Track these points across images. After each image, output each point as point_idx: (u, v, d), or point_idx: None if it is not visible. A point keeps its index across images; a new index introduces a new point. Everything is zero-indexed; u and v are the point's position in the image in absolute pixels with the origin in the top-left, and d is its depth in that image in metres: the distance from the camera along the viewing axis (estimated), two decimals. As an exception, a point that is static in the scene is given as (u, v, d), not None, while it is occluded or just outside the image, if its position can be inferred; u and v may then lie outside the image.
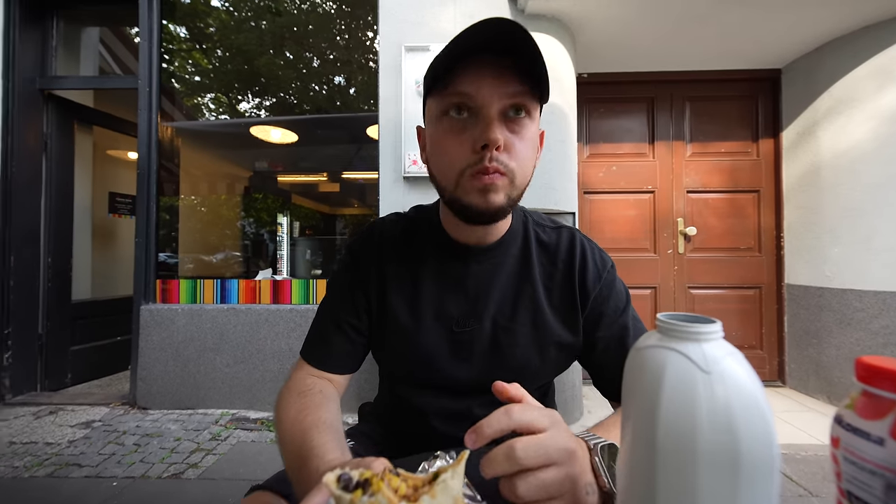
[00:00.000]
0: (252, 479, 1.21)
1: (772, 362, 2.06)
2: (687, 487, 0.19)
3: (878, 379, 0.20)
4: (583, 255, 0.47)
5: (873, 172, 1.67)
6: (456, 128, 0.38)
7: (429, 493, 0.21)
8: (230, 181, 2.46)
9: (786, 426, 1.57)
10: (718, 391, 0.19)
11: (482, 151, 0.37)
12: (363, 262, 0.48)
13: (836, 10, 1.59)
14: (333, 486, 0.21)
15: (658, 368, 0.20)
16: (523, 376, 0.44)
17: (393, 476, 0.22)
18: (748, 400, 0.19)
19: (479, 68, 0.37)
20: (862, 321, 1.68)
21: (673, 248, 2.08)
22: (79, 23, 2.14)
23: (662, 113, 2.12)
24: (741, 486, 0.18)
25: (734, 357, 0.20)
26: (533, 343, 0.45)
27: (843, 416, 0.22)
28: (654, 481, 0.20)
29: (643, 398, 0.21)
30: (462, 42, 0.35)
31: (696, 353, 0.20)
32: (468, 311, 0.45)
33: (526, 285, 0.46)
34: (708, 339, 0.20)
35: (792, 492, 1.16)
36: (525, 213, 0.51)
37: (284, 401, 0.42)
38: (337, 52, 2.17)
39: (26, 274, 1.91)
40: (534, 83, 0.37)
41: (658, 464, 0.20)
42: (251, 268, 2.26)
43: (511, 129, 0.38)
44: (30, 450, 1.39)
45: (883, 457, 0.19)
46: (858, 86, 1.71)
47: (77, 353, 2.10)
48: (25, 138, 1.91)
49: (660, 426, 0.19)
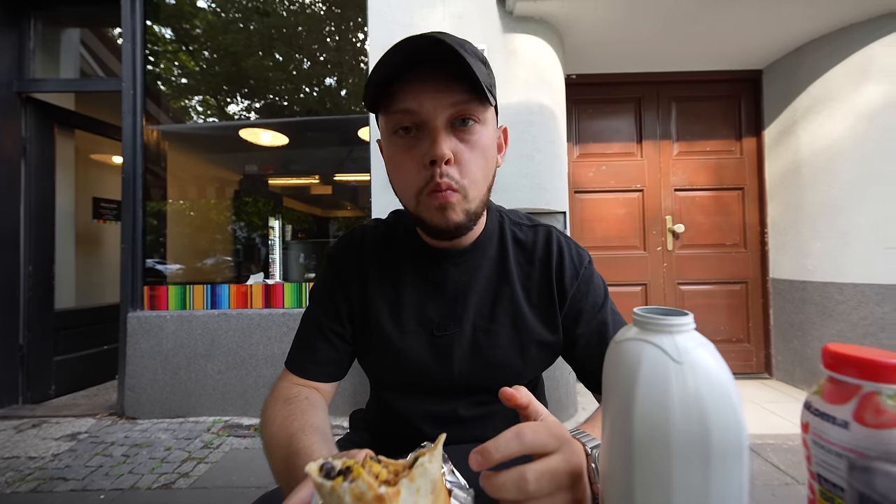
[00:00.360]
0: (245, 486, 1.19)
1: (759, 355, 2.11)
2: (661, 475, 0.20)
3: (843, 365, 0.21)
4: (559, 253, 0.47)
5: (850, 169, 1.73)
6: (406, 145, 0.39)
7: (408, 477, 0.21)
8: (220, 185, 2.42)
9: (773, 417, 1.61)
10: (689, 380, 0.19)
11: (432, 167, 0.37)
12: (343, 268, 0.48)
13: (814, 11, 1.64)
14: (315, 475, 0.21)
15: (634, 360, 0.21)
16: (505, 376, 0.44)
17: (374, 463, 0.23)
18: (718, 388, 0.19)
19: (419, 82, 0.36)
20: (843, 313, 1.73)
21: (662, 245, 2.12)
22: (58, 24, 2.08)
23: (649, 113, 2.16)
24: (713, 473, 0.19)
25: (705, 347, 0.20)
26: (513, 344, 0.45)
27: (811, 401, 0.23)
28: (632, 469, 0.20)
29: (620, 389, 0.21)
30: (397, 58, 0.35)
31: (668, 344, 0.20)
32: (447, 315, 0.45)
33: (504, 286, 0.46)
34: (680, 330, 0.21)
35: (779, 480, 1.19)
36: (501, 212, 0.51)
37: (270, 409, 0.42)
38: (327, 53, 2.16)
39: (5, 283, 1.84)
40: (478, 90, 0.36)
41: (634, 452, 0.20)
42: (242, 272, 2.23)
43: (461, 138, 0.38)
44: (11, 465, 1.35)
45: (847, 439, 0.20)
46: (836, 85, 1.77)
47: (61, 364, 2.03)
48: (2, 143, 1.85)
49: (635, 415, 0.20)
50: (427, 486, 0.21)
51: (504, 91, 1.66)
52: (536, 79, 1.68)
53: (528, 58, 1.68)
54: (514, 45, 1.68)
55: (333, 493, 0.20)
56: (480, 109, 0.38)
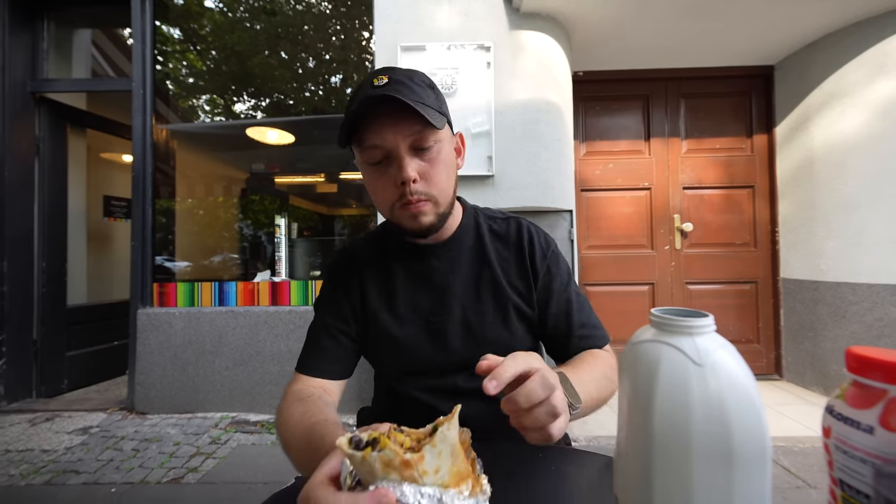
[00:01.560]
0: (253, 482, 1.20)
1: (768, 356, 2.08)
2: (682, 478, 0.19)
3: (868, 369, 0.21)
4: (530, 238, 0.54)
5: (865, 166, 1.69)
6: (378, 173, 0.47)
7: (430, 444, 0.23)
8: (227, 183, 2.45)
9: (783, 419, 1.59)
10: (711, 383, 0.19)
11: (402, 187, 0.45)
12: (343, 277, 0.55)
13: (827, 6, 1.61)
14: (346, 447, 0.23)
15: (653, 362, 0.21)
16: (497, 350, 0.49)
17: (397, 433, 0.25)
18: (740, 391, 0.19)
19: (381, 121, 0.44)
20: (856, 314, 1.70)
21: (670, 244, 2.10)
22: (70, 25, 2.11)
23: (658, 110, 2.13)
24: (735, 475, 0.19)
25: (726, 349, 0.20)
26: (499, 317, 0.51)
27: (833, 405, 0.22)
28: (651, 472, 0.20)
29: (639, 391, 0.21)
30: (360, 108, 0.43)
31: (689, 346, 0.20)
32: (438, 302, 0.52)
33: (484, 268, 0.53)
34: (700, 332, 0.20)
35: (790, 484, 1.17)
36: (476, 210, 0.58)
37: (287, 409, 0.45)
38: (333, 52, 2.16)
39: (20, 279, 1.88)
40: (428, 122, 0.43)
41: (654, 455, 0.20)
42: (249, 270, 2.25)
43: (423, 158, 0.46)
44: (26, 457, 1.38)
45: (872, 445, 0.19)
46: (850, 80, 1.73)
47: (73, 359, 2.07)
48: (17, 142, 1.89)
49: (655, 418, 0.20)
50: (447, 449, 0.23)
51: (510, 88, 1.65)
52: (543, 76, 1.66)
53: (534, 55, 1.66)
54: (520, 42, 1.66)
55: (364, 461, 0.22)
56: (434, 133, 0.46)
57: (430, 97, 0.46)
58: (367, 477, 0.23)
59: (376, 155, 0.45)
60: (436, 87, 0.48)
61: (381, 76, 0.44)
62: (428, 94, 0.46)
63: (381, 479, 0.22)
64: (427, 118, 0.42)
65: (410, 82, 0.45)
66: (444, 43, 1.66)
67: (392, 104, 0.42)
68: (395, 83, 0.44)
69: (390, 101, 0.42)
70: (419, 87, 0.45)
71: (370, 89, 0.44)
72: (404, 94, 0.42)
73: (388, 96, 0.41)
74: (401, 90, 0.43)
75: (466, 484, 0.24)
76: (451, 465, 0.23)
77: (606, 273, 2.08)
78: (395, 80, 0.44)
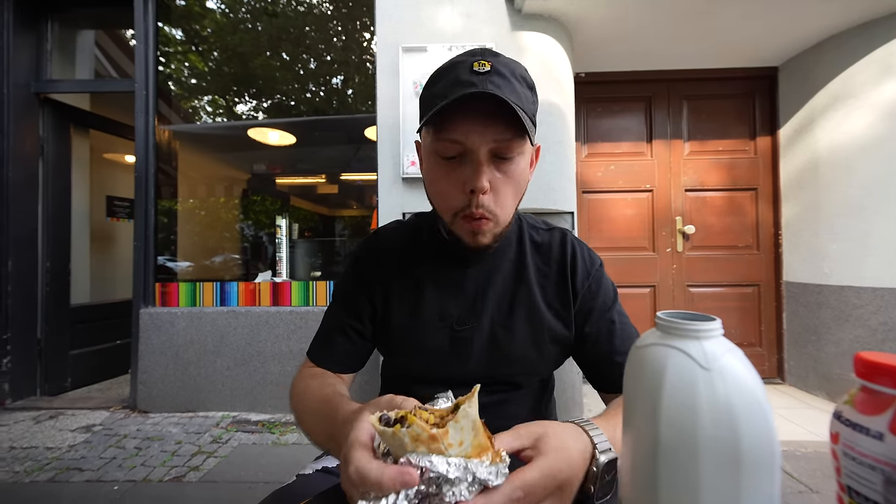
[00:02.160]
0: (253, 481, 1.21)
1: (771, 359, 2.07)
2: (689, 483, 0.19)
3: (877, 374, 0.20)
4: (573, 254, 0.50)
5: (871, 169, 1.67)
6: (449, 168, 0.42)
7: (453, 420, 0.25)
8: (228, 184, 2.46)
9: (786, 423, 1.58)
10: (719, 388, 0.19)
11: (471, 194, 0.40)
12: (367, 270, 0.51)
13: (832, 6, 1.59)
14: (377, 425, 0.25)
15: (659, 366, 0.20)
16: (522, 369, 0.48)
17: (422, 411, 0.27)
18: (748, 396, 0.19)
19: (468, 114, 0.38)
20: (860, 318, 1.68)
21: (672, 246, 2.09)
22: (74, 26, 2.12)
23: (660, 111, 2.12)
24: (743, 481, 0.18)
25: (734, 354, 0.20)
26: (529, 338, 0.48)
27: (842, 411, 0.22)
28: (657, 478, 0.20)
29: (645, 396, 0.21)
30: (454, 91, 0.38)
31: (696, 350, 0.20)
32: (467, 311, 0.48)
33: (521, 286, 0.49)
34: (708, 336, 0.20)
35: (792, 488, 1.17)
36: (520, 217, 0.54)
37: (300, 382, 0.47)
38: (334, 53, 2.17)
39: (24, 279, 1.90)
40: (521, 128, 0.39)
41: (660, 460, 0.20)
42: (250, 270, 2.26)
43: (500, 168, 0.41)
44: (30, 454, 1.39)
45: (882, 451, 0.19)
46: (856, 82, 1.71)
47: (77, 358, 2.09)
48: (21, 142, 1.90)
49: (661, 423, 0.20)
50: (469, 424, 0.25)
51: (511, 90, 1.64)
52: (545, 77, 1.66)
53: (536, 56, 1.66)
54: (522, 43, 1.66)
55: (395, 437, 0.25)
56: (520, 144, 0.41)
57: (529, 100, 0.41)
58: (398, 450, 0.25)
59: (452, 150, 0.40)
60: (535, 88, 0.43)
61: (483, 61, 0.39)
62: (527, 97, 0.40)
63: (410, 453, 0.25)
64: (523, 125, 0.38)
65: (513, 78, 0.39)
66: (446, 44, 1.66)
67: (488, 102, 0.37)
68: (496, 74, 0.38)
69: (489, 98, 0.37)
70: (520, 85, 0.40)
71: (468, 74, 0.38)
72: (506, 93, 0.37)
73: (490, 94, 0.36)
74: (503, 87, 0.38)
75: (487, 455, 0.26)
76: (473, 439, 0.25)
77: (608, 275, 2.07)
78: (497, 71, 0.38)
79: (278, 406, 1.72)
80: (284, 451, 1.41)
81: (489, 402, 0.48)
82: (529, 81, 0.42)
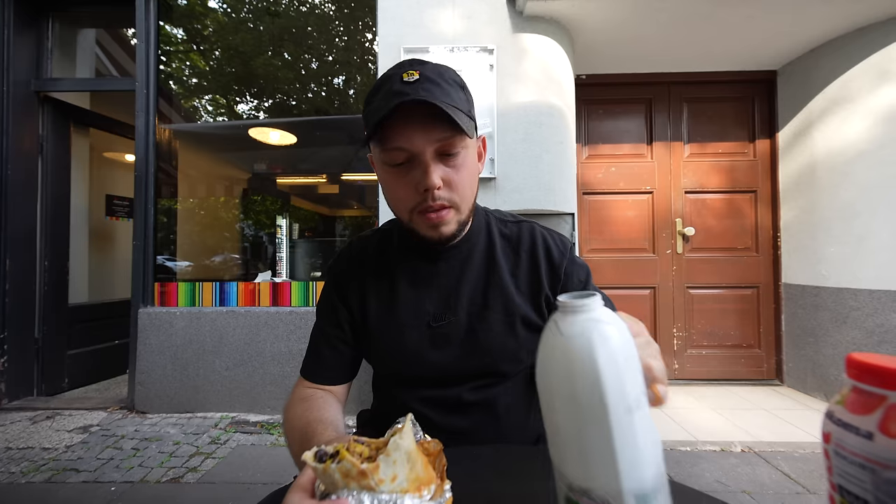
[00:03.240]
0: (252, 482, 1.21)
1: (769, 361, 2.07)
2: (550, 419, 0.26)
3: (868, 375, 0.21)
4: (544, 241, 0.52)
5: (868, 173, 1.69)
6: (399, 174, 0.44)
7: (384, 453, 0.25)
8: (229, 183, 2.45)
9: (784, 424, 1.58)
10: (564, 349, 0.24)
11: (424, 193, 0.43)
12: (342, 279, 0.53)
13: (831, 11, 1.60)
14: (311, 461, 0.25)
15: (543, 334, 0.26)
16: (502, 359, 0.49)
17: (357, 444, 0.27)
18: (586, 357, 0.23)
19: (407, 122, 0.41)
20: (857, 319, 1.69)
21: (671, 248, 2.10)
22: (74, 24, 2.12)
23: (660, 114, 2.13)
24: (580, 418, 0.23)
25: (594, 324, 0.23)
26: (505, 326, 0.49)
27: (833, 411, 0.22)
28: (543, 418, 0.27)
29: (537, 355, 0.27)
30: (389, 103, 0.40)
31: (563, 321, 0.24)
32: (443, 306, 0.49)
33: (493, 275, 0.50)
34: (576, 310, 0.24)
35: (790, 490, 1.17)
36: (487, 211, 0.56)
37: (290, 410, 0.47)
38: (335, 53, 2.17)
39: (22, 278, 1.89)
40: (459, 128, 0.40)
41: (536, 403, 0.26)
42: (250, 270, 2.26)
43: (448, 164, 0.43)
44: (26, 455, 1.38)
45: (871, 451, 0.20)
46: (853, 86, 1.73)
47: (74, 357, 2.08)
48: (21, 141, 1.90)
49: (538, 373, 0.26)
50: (402, 458, 0.25)
51: (513, 91, 1.65)
52: (546, 79, 1.67)
53: (537, 58, 1.67)
54: (523, 45, 1.67)
55: (326, 473, 0.24)
56: (462, 140, 0.43)
57: (461, 99, 0.43)
58: (331, 487, 0.24)
59: (399, 157, 0.43)
60: (466, 87, 0.45)
61: (411, 71, 0.41)
62: (459, 96, 0.43)
63: (342, 489, 0.24)
64: (459, 124, 0.40)
65: (442, 81, 0.42)
66: (447, 45, 1.66)
67: (423, 107, 0.39)
68: (426, 81, 0.40)
69: (422, 104, 0.39)
70: (451, 87, 0.42)
71: (399, 84, 0.40)
72: (437, 97, 0.40)
73: (421, 100, 0.39)
74: (433, 91, 0.40)
75: (429, 489, 0.25)
76: (409, 472, 0.24)
77: (608, 276, 2.08)
78: (426, 78, 0.41)
79: (277, 407, 1.72)
80: (283, 452, 1.40)
81: (481, 398, 0.48)
82: (460, 82, 0.45)
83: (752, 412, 1.71)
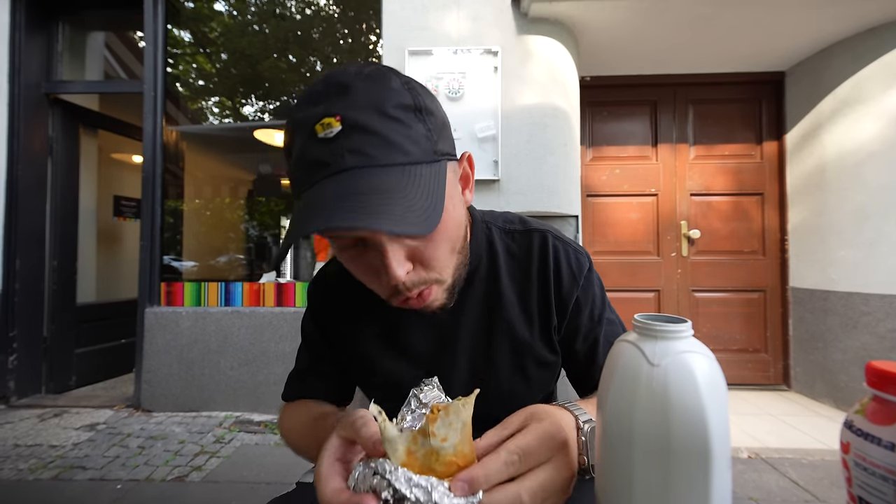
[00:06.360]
0: (256, 481, 1.21)
1: (776, 366, 2.04)
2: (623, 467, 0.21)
3: (889, 384, 0.20)
4: (556, 261, 0.42)
5: (879, 175, 1.66)
6: (353, 257, 0.33)
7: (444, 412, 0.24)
8: (234, 184, 2.48)
9: (791, 430, 1.56)
10: (659, 383, 0.20)
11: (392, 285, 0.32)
12: (315, 305, 0.47)
13: (840, 11, 1.58)
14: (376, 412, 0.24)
15: (615, 359, 0.22)
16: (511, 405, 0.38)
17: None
18: (688, 394, 0.19)
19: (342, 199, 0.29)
20: (868, 325, 1.66)
21: (676, 251, 2.08)
22: (84, 28, 2.15)
23: (665, 116, 2.11)
24: (672, 470, 0.19)
25: (692, 355, 0.20)
26: (514, 368, 0.42)
27: (853, 421, 0.22)
28: (604, 461, 0.22)
29: (602, 385, 0.23)
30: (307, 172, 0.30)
31: (649, 347, 0.21)
32: (439, 348, 0.42)
33: (498, 312, 0.42)
34: (666, 336, 0.21)
35: (798, 497, 1.15)
36: (489, 224, 0.44)
37: (287, 413, 0.46)
38: (340, 55, 2.18)
39: (31, 277, 1.92)
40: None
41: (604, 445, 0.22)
42: (255, 271, 2.27)
43: (415, 238, 0.32)
44: (34, 452, 1.40)
45: (894, 462, 0.19)
46: (864, 87, 1.70)
47: (82, 356, 2.11)
48: (31, 142, 1.93)
49: (607, 410, 0.22)
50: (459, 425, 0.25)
51: (517, 93, 1.65)
52: (551, 81, 1.66)
53: (542, 59, 1.66)
54: (528, 47, 1.66)
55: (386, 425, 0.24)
56: None
57: (414, 136, 0.30)
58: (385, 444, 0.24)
59: (347, 240, 0.32)
60: (422, 106, 0.32)
61: (327, 119, 0.28)
62: (408, 134, 0.30)
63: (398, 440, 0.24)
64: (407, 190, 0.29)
65: (376, 120, 0.29)
66: (452, 47, 1.66)
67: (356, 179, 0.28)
68: (351, 131, 0.28)
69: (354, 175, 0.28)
70: (392, 125, 0.29)
71: (315, 147, 0.29)
72: (371, 158, 0.28)
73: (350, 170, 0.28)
74: (364, 148, 0.28)
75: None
76: (459, 442, 0.24)
77: (612, 279, 2.06)
78: (350, 126, 0.28)
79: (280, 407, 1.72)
80: (287, 451, 1.41)
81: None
82: (409, 103, 0.31)
83: (758, 417, 1.69)
